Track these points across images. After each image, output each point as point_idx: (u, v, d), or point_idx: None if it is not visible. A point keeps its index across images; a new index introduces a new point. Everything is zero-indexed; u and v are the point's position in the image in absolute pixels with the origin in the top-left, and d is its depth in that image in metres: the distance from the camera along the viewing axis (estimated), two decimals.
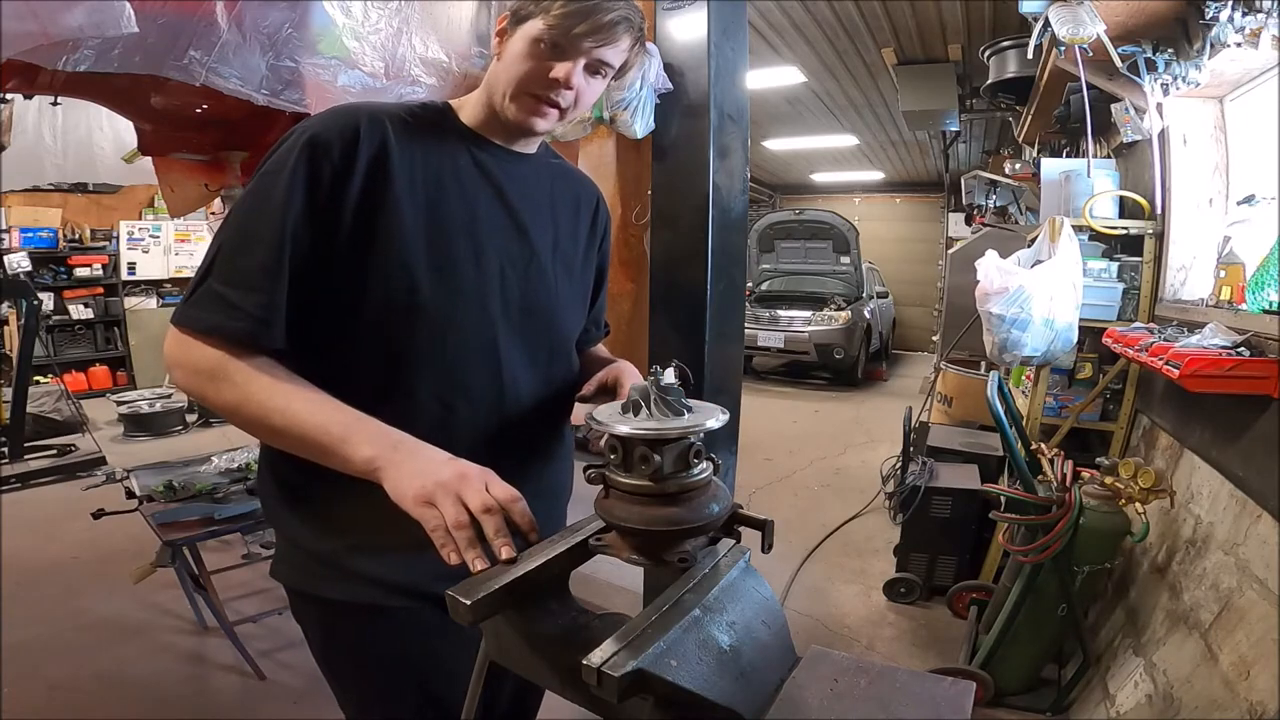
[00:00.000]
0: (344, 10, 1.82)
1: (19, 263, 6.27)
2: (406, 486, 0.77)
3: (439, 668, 1.01)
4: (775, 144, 9.13)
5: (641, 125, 2.03)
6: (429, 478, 0.77)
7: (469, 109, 1.01)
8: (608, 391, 1.04)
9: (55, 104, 3.81)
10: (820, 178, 11.94)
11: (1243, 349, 1.78)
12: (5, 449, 4.42)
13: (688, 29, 2.00)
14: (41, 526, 3.56)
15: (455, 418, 0.96)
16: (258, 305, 0.84)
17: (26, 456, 4.43)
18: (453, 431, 0.92)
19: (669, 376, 0.76)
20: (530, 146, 1.06)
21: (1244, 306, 2.09)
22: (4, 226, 6.42)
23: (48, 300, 6.50)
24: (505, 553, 0.73)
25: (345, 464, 0.81)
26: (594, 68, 0.95)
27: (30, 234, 6.56)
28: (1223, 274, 2.24)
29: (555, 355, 1.09)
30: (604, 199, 1.22)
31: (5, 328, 5.99)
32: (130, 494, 2.45)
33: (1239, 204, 2.34)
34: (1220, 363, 1.75)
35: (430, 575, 0.92)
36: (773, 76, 5.99)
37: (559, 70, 0.92)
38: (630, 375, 1.05)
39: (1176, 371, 1.80)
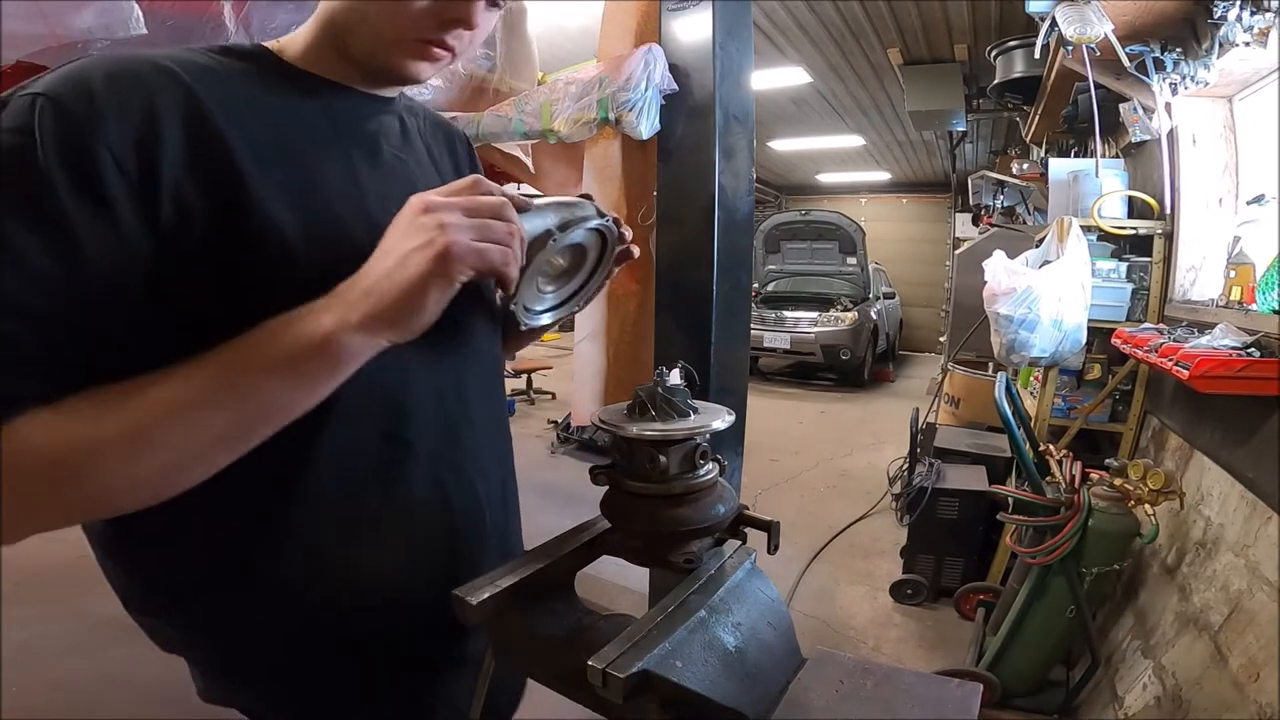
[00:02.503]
0: None
1: None
2: (407, 274, 0.57)
3: None
4: (781, 145, 9.12)
5: (647, 126, 2.03)
6: (406, 244, 0.58)
7: (298, 49, 0.73)
8: None
9: None
10: (826, 178, 11.93)
11: (1253, 350, 1.77)
12: None
13: (693, 30, 2.00)
14: None
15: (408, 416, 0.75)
16: (40, 363, 0.53)
17: None
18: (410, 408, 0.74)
19: (674, 377, 0.75)
20: (393, 90, 0.82)
21: (1254, 307, 2.08)
22: None
23: None
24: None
25: (321, 366, 0.58)
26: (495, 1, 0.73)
27: None
28: (1233, 274, 2.22)
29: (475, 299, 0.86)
30: (467, 137, 1.02)
31: None
32: None
33: (1249, 204, 2.32)
34: (1230, 363, 1.74)
35: (404, 621, 0.76)
36: (778, 77, 5.98)
37: (460, 9, 0.69)
38: None
39: (1186, 372, 1.79)
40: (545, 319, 0.81)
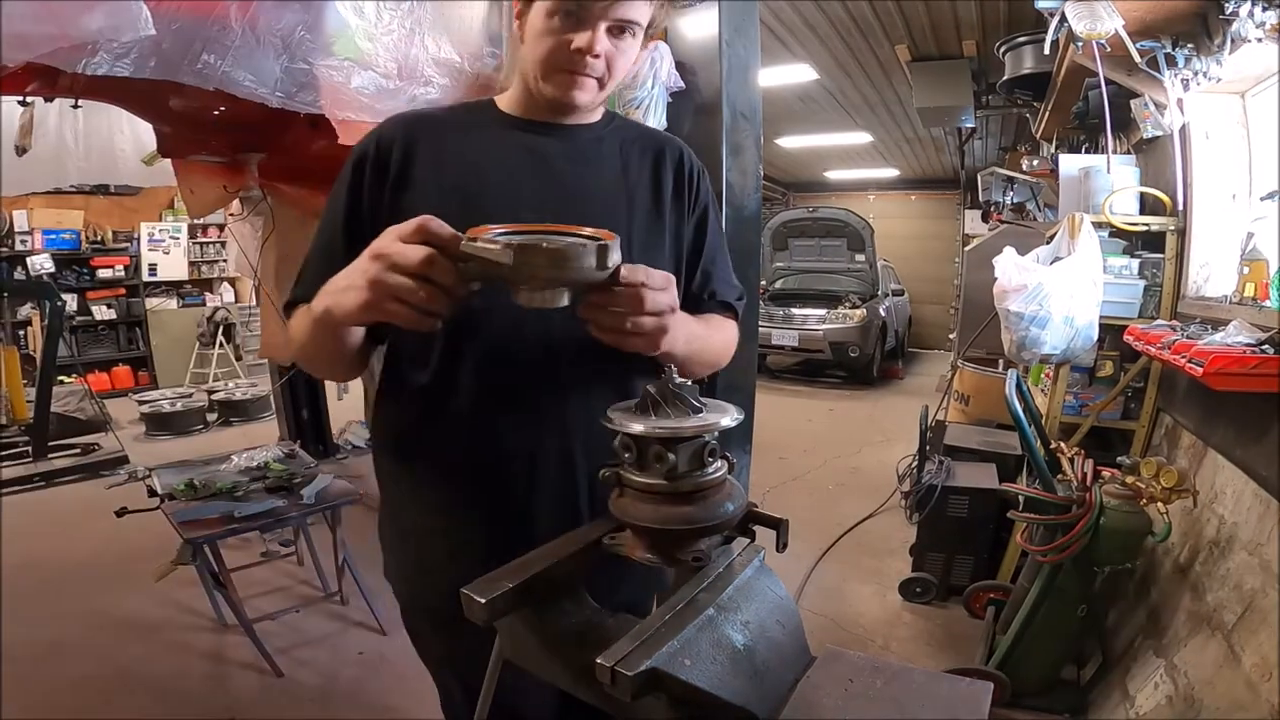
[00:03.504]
0: (357, 11, 1.82)
1: (42, 264, 6.37)
2: (347, 301, 0.77)
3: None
4: (788, 142, 9.09)
5: (654, 123, 2.03)
6: (355, 277, 0.76)
7: (507, 97, 1.02)
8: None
9: (76, 107, 3.86)
10: (834, 175, 11.88)
11: (1267, 346, 1.75)
12: (30, 447, 4.49)
13: (699, 27, 2.00)
14: (65, 525, 3.61)
15: (505, 403, 0.95)
16: (309, 283, 0.89)
17: (50, 455, 4.50)
18: (500, 418, 0.95)
19: None
20: (588, 117, 1.02)
21: (1268, 303, 2.06)
22: (27, 228, 6.53)
23: (71, 301, 6.60)
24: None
25: (325, 330, 0.85)
26: (618, 29, 0.90)
27: (53, 235, 6.68)
28: (1246, 270, 2.21)
29: None
30: (690, 152, 1.10)
31: (29, 328, 6.09)
32: (152, 492, 2.49)
33: (1262, 200, 2.30)
34: (1244, 360, 1.72)
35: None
36: (785, 74, 5.96)
37: (580, 40, 0.88)
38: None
39: (1200, 369, 1.77)
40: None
